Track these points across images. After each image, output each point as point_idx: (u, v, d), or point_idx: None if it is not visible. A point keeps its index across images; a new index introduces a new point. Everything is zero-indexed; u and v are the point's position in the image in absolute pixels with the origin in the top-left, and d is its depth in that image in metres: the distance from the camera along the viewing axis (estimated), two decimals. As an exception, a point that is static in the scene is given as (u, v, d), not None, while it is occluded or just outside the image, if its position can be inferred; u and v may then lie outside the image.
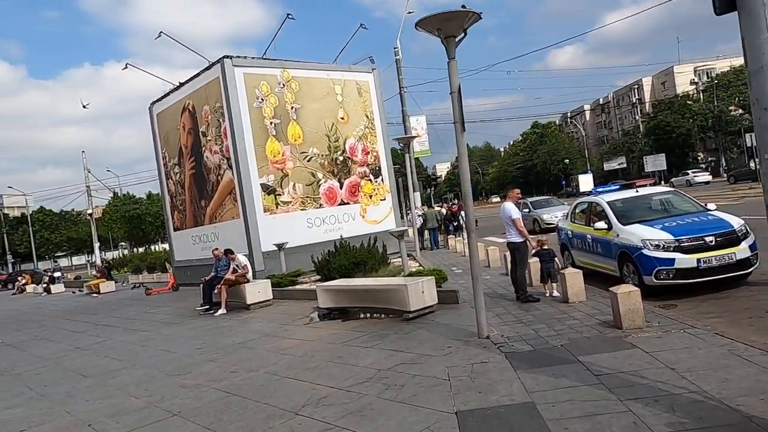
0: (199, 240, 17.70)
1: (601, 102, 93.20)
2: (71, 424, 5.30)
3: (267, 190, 15.49)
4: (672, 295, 7.45)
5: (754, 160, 34.16)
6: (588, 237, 9.30)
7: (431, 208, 25.61)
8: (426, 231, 20.49)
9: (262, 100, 15.75)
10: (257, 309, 11.05)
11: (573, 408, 3.91)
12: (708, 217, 8.08)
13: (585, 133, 79.22)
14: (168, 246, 21.17)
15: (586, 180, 57.08)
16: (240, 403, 5.11)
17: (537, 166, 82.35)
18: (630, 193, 9.60)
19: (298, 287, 12.33)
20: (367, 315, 8.47)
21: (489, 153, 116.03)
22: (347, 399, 4.80)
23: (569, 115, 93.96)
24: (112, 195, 57.81)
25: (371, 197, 17.92)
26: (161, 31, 18.26)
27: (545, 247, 8.23)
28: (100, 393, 6.29)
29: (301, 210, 16.14)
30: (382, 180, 18.38)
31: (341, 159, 17.33)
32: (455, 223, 21.77)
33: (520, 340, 5.87)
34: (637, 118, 77.91)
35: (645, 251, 7.52)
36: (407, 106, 24.53)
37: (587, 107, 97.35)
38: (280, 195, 15.75)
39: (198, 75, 16.80)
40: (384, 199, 18.28)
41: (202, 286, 12.12)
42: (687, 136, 60.01)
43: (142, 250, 46.39)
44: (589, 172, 62.01)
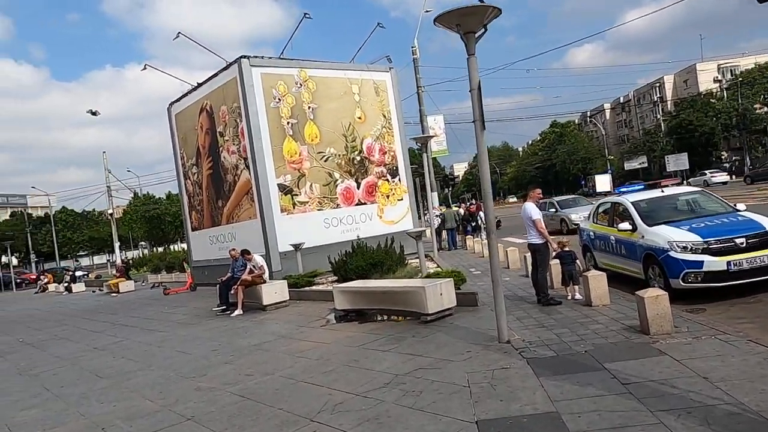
0: (217, 240, 17.74)
1: (622, 100, 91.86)
2: (85, 427, 5.24)
3: (284, 190, 15.43)
4: (700, 299, 7.18)
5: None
6: (611, 238, 9.06)
7: (449, 208, 25.36)
8: (444, 231, 20.29)
9: (279, 100, 15.70)
10: (273, 310, 10.98)
11: (600, 419, 3.72)
12: (738, 218, 7.79)
13: (605, 132, 78.13)
14: (186, 246, 21.27)
15: (602, 180, 56.34)
16: (254, 408, 5.00)
17: (556, 165, 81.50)
18: (655, 193, 9.35)
19: (314, 288, 12.24)
20: (384, 317, 8.34)
21: (507, 152, 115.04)
22: (364, 405, 4.66)
23: (589, 114, 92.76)
24: (132, 195, 58.48)
25: (388, 197, 17.78)
26: (179, 32, 18.32)
27: (566, 249, 8.01)
28: (115, 395, 6.25)
29: (318, 210, 16.06)
30: (399, 180, 18.23)
31: (358, 159, 17.21)
32: (473, 224, 21.54)
33: (542, 345, 5.67)
34: (659, 116, 76.68)
35: (672, 253, 7.27)
36: (425, 105, 24.29)
37: (607, 106, 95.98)
38: (297, 195, 15.68)
39: (215, 75, 16.82)
40: (401, 200, 18.13)
41: (218, 286, 12.08)
42: (710, 134, 58.91)
43: (161, 249, 46.84)
44: (610, 171, 61.15)
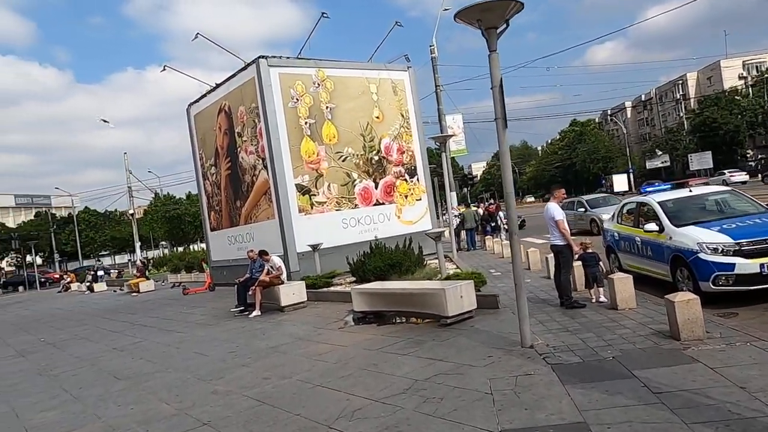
0: (235, 240, 17.76)
1: (643, 98, 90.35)
2: (101, 430, 5.19)
3: (302, 190, 15.38)
4: (731, 303, 6.91)
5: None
6: (637, 239, 8.80)
7: (469, 207, 25.10)
8: (463, 231, 20.07)
9: (297, 99, 15.64)
10: (291, 311, 10.90)
11: (632, 431, 3.54)
12: (771, 219, 7.49)
13: (626, 131, 76.93)
14: (205, 246, 21.36)
15: (620, 180, 55.28)
16: (271, 413, 4.90)
17: (576, 165, 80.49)
18: (682, 193, 9.03)
19: (332, 289, 12.14)
20: (403, 320, 8.19)
21: (526, 152, 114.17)
22: (383, 412, 4.53)
23: (609, 113, 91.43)
24: (153, 196, 59.15)
25: (407, 197, 17.63)
26: (198, 33, 18.36)
27: (589, 251, 7.80)
28: (132, 397, 6.21)
29: (336, 210, 15.98)
30: (417, 180, 18.07)
31: (376, 159, 17.09)
32: (492, 224, 21.26)
33: (567, 350, 5.48)
34: (682, 114, 75.33)
35: (701, 255, 7.00)
36: (443, 104, 24.05)
37: (628, 104, 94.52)
38: (314, 195, 15.61)
39: (234, 76, 16.84)
40: (420, 200, 17.96)
41: (236, 287, 12.05)
42: (735, 132, 57.70)
43: (182, 249, 47.27)
44: (631, 170, 60.15)
